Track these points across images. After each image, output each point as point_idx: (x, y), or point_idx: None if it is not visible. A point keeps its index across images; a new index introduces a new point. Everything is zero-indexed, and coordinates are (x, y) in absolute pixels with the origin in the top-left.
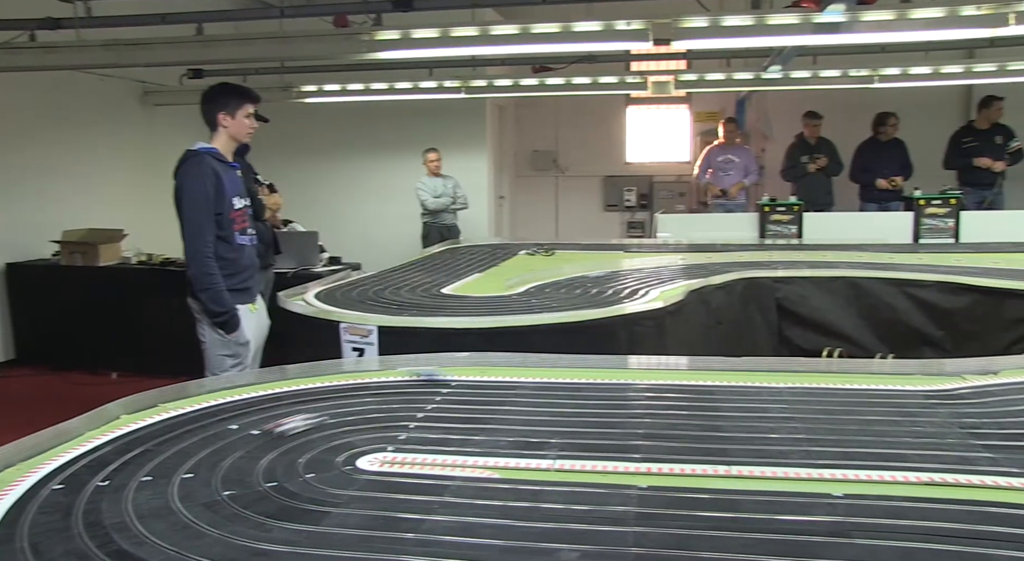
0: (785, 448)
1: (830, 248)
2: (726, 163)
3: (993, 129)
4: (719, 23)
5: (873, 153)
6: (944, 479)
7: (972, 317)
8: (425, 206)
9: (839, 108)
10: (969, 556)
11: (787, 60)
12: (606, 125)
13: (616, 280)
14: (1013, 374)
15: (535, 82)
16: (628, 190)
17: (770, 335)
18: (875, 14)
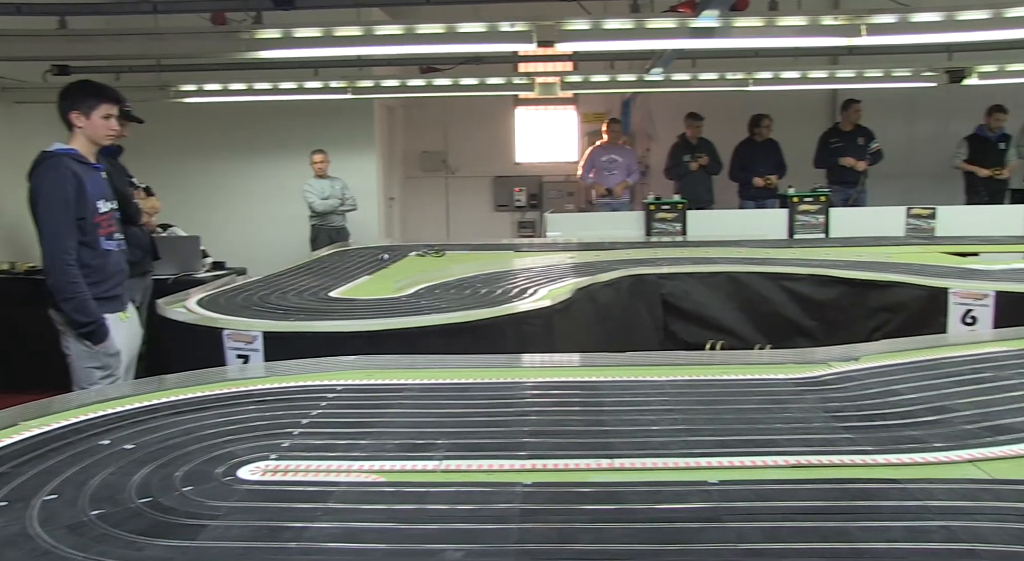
0: (665, 439)
1: (712, 244)
2: (610, 163)
3: (856, 131)
4: (600, 26)
5: (750, 153)
6: (809, 461)
7: (840, 307)
8: (313, 208)
9: (718, 110)
10: (827, 530)
11: (668, 63)
12: (495, 126)
13: (506, 279)
14: (872, 359)
15: (423, 83)
16: (518, 190)
17: (656, 330)
18: (746, 20)
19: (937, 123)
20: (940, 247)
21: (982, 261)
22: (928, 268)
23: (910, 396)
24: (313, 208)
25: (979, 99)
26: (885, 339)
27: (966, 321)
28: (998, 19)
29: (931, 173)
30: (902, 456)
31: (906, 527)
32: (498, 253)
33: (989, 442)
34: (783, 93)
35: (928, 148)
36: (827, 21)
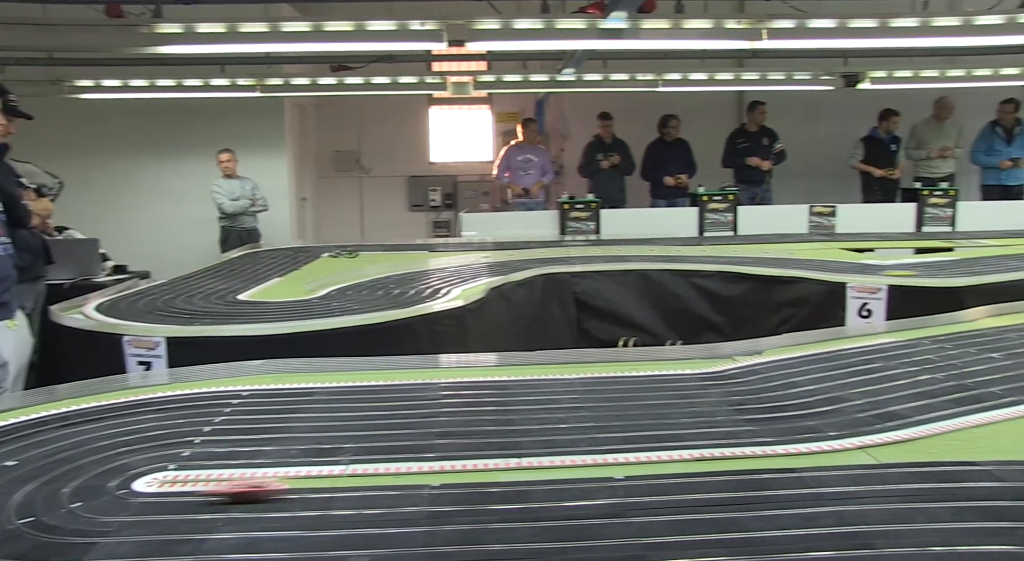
0: (573, 437)
1: (624, 243)
2: (525, 163)
3: (761, 131)
4: (511, 26)
5: (660, 153)
6: (712, 454)
7: (747, 303)
8: (222, 209)
9: (631, 110)
10: (727, 521)
11: (579, 63)
12: (409, 125)
13: (419, 280)
14: (774, 353)
15: (334, 81)
16: (433, 190)
17: (570, 328)
18: (653, 22)
19: (836, 125)
20: (840, 243)
21: (877, 257)
22: (828, 264)
23: (808, 388)
24: (222, 209)
25: (873, 102)
26: (789, 333)
27: (862, 314)
28: (885, 28)
29: (831, 173)
30: (799, 446)
31: (800, 514)
32: (413, 253)
33: (878, 429)
34: (692, 94)
35: (828, 149)
36: (730, 24)
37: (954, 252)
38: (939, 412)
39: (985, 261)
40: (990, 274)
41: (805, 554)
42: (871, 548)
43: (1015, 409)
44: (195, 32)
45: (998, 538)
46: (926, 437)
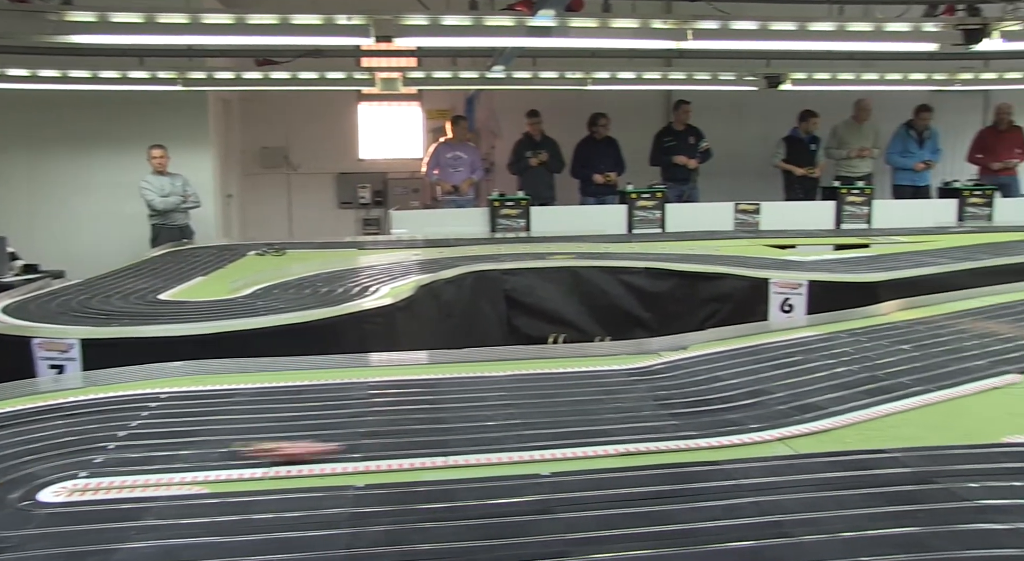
0: (501, 434)
1: (555, 240)
2: (454, 160)
3: (687, 130)
4: (439, 22)
5: (590, 150)
6: (637, 448)
7: (674, 298)
8: (152, 206)
9: (561, 108)
10: (653, 514)
11: (508, 61)
12: (338, 122)
13: (348, 278)
14: (699, 348)
15: (259, 76)
16: (362, 187)
17: (500, 325)
18: (581, 21)
19: (760, 125)
20: (763, 240)
21: (798, 253)
22: (752, 260)
23: (731, 381)
24: (152, 206)
25: (796, 103)
26: (714, 328)
27: (784, 309)
28: (803, 31)
29: (755, 171)
30: (722, 439)
31: (723, 506)
32: (342, 251)
33: (796, 420)
34: (621, 93)
35: (752, 148)
36: (656, 24)
37: (870, 248)
38: (853, 403)
39: (898, 257)
40: (902, 269)
41: (726, 544)
42: (788, 536)
43: (921, 398)
44: (109, 22)
45: (902, 521)
46: (841, 427)
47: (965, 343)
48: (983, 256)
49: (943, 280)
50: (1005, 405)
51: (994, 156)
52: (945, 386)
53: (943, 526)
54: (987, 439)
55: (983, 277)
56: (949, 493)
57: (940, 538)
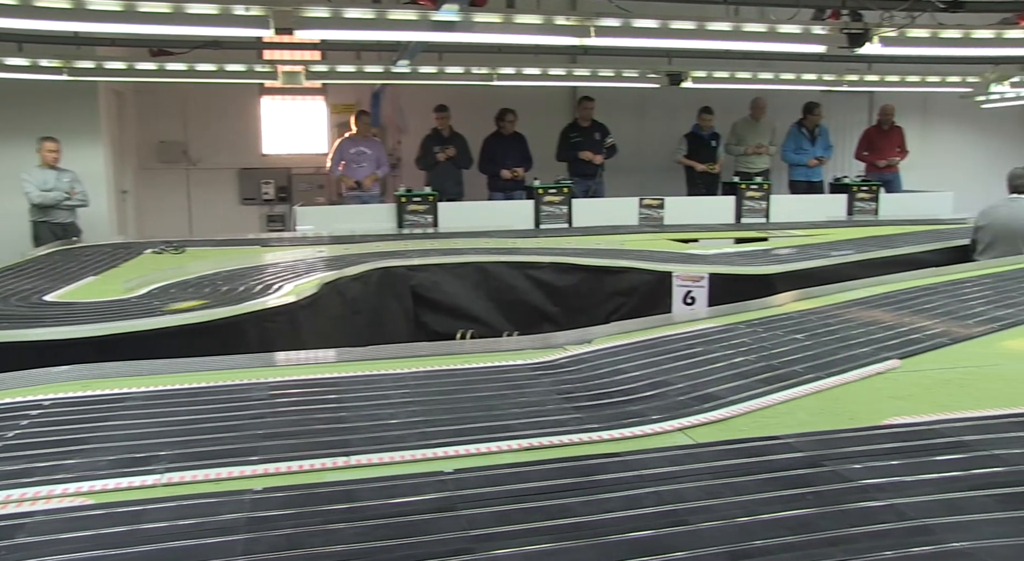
0: (403, 432)
1: (462, 235)
2: (359, 155)
3: (593, 126)
4: (341, 15)
5: (497, 146)
6: (540, 442)
7: (580, 293)
8: (30, 200)
9: (468, 103)
10: (554, 508)
11: (413, 55)
12: (240, 115)
13: (250, 276)
14: (603, 341)
15: (153, 67)
16: (266, 183)
17: (407, 322)
18: (485, 16)
19: (663, 121)
20: (667, 234)
21: (700, 246)
22: (656, 254)
23: (634, 374)
24: (30, 199)
25: (696, 100)
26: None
27: (687, 301)
28: (702, 30)
29: (659, 167)
30: (624, 430)
31: (623, 497)
32: (244, 248)
33: (696, 410)
34: (528, 88)
35: (656, 144)
36: (560, 21)
37: (768, 242)
38: (750, 392)
39: (794, 250)
40: (797, 262)
41: (627, 535)
42: (685, 524)
43: (813, 385)
44: None
45: (792, 504)
46: (738, 416)
47: (852, 331)
48: (869, 248)
49: (834, 272)
50: (887, 389)
51: (879, 154)
52: (834, 373)
53: (830, 507)
54: (870, 422)
55: (869, 268)
56: (836, 475)
57: (826, 518)
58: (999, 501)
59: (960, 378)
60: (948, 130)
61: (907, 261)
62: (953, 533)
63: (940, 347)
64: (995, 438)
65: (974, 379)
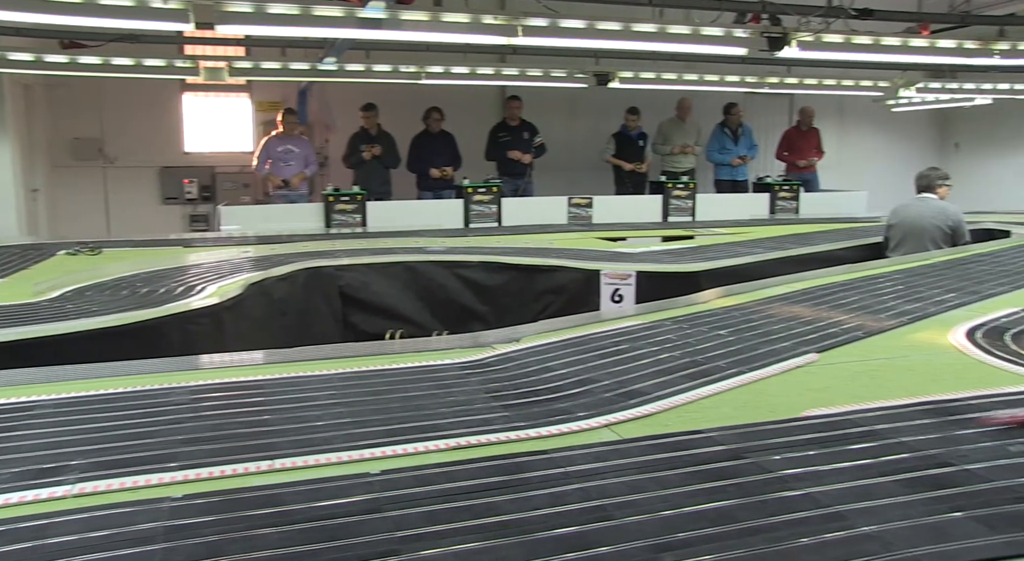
0: (330, 434)
1: (391, 235)
2: (286, 153)
3: (522, 125)
4: (264, 10)
5: (426, 145)
6: (468, 441)
7: (509, 291)
8: None
9: (397, 102)
10: (481, 506)
11: (340, 52)
12: (160, 112)
13: (171, 277)
14: (531, 340)
15: (64, 60)
16: (188, 182)
17: (335, 322)
18: (412, 14)
19: (592, 121)
20: (596, 233)
21: (628, 245)
22: (585, 252)
23: (561, 371)
24: None
25: (624, 100)
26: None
27: (615, 299)
28: (628, 31)
29: (588, 166)
30: (551, 428)
31: (549, 494)
32: (166, 249)
33: (621, 406)
34: (457, 87)
35: (585, 143)
36: (488, 20)
37: (694, 240)
38: (675, 387)
39: (719, 248)
40: (722, 259)
41: (552, 532)
42: (610, 519)
43: (735, 380)
44: None
45: (715, 496)
46: (663, 411)
47: (773, 327)
48: (790, 246)
49: (756, 269)
50: (805, 382)
51: (798, 154)
52: (756, 367)
53: (750, 498)
54: (789, 414)
55: (790, 265)
56: (756, 466)
57: (747, 509)
58: (904, 485)
59: (872, 370)
60: (863, 132)
61: (825, 258)
62: (863, 518)
63: (855, 341)
64: (902, 426)
65: (885, 370)
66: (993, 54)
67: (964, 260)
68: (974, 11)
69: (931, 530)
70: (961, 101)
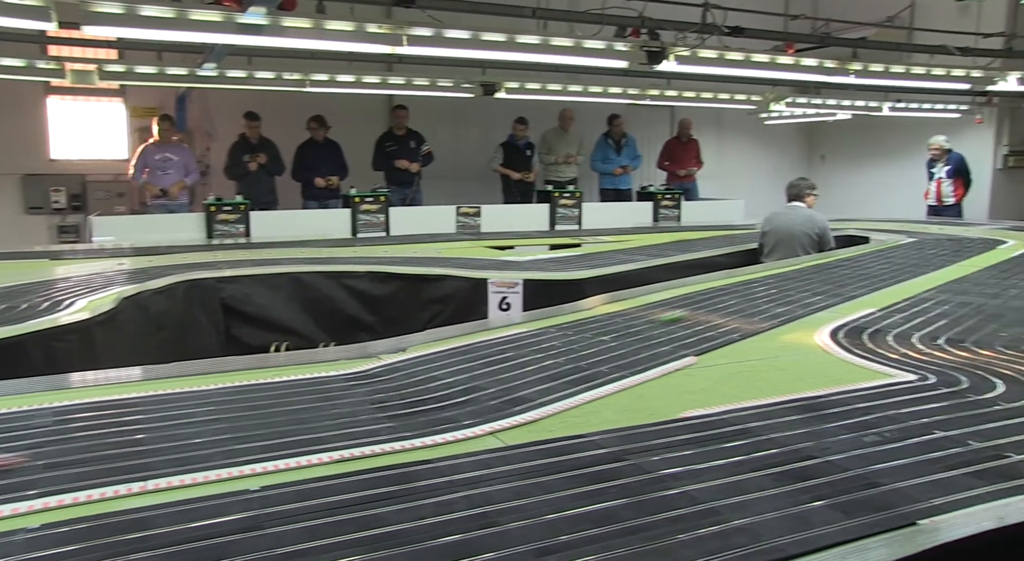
0: (208, 451)
1: (276, 245)
2: (164, 162)
3: (408, 134)
4: (136, 12)
5: (311, 153)
6: (352, 454)
7: (397, 301)
8: None
9: (282, 109)
10: (366, 519)
11: (220, 58)
12: (22, 116)
13: (35, 292)
14: (418, 349)
15: None
16: (56, 190)
17: (218, 336)
18: (295, 21)
19: (480, 130)
20: (484, 242)
21: (516, 253)
22: (473, 261)
23: (448, 380)
24: None
25: (511, 110)
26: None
27: (502, 307)
28: (512, 42)
29: (476, 175)
30: (436, 437)
31: (434, 503)
32: (29, 262)
33: (506, 413)
34: (343, 96)
35: (473, 152)
36: (372, 29)
37: (581, 247)
38: (559, 393)
39: (604, 255)
40: (606, 266)
41: (436, 541)
42: (495, 525)
43: (617, 384)
44: None
45: (598, 498)
46: (547, 417)
47: (655, 332)
48: (672, 253)
49: (640, 275)
50: (684, 384)
51: (679, 164)
52: (637, 371)
53: (631, 498)
54: (668, 416)
55: (671, 271)
56: (637, 467)
57: (627, 509)
58: (773, 479)
59: (747, 371)
60: (739, 143)
61: (705, 264)
62: (736, 512)
63: (731, 343)
64: (772, 423)
65: (758, 371)
66: (849, 73)
67: (829, 265)
68: (833, 33)
69: (795, 519)
70: (825, 116)
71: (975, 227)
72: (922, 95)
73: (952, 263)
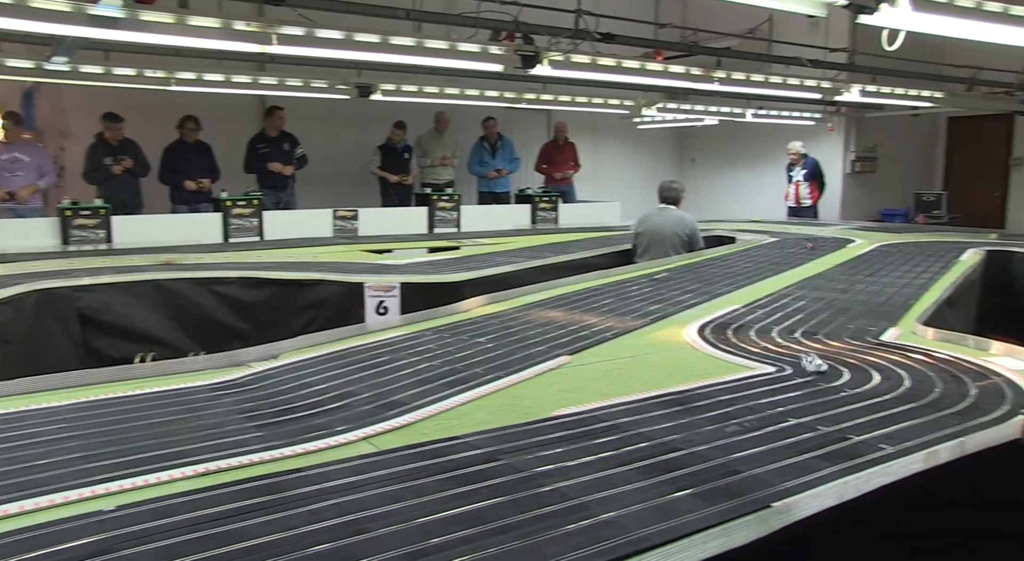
0: (57, 472)
1: (141, 252)
2: (12, 162)
3: (282, 136)
4: None
5: (180, 155)
6: (218, 466)
7: (271, 307)
8: None
9: (146, 108)
10: (231, 533)
11: (71, 51)
12: None
13: None
14: (291, 356)
15: None
16: None
17: (74, 348)
18: (154, 15)
19: (356, 132)
20: (362, 245)
21: (394, 257)
22: (349, 265)
23: (320, 387)
24: None
25: (389, 113)
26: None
27: (380, 311)
28: (386, 44)
29: (353, 178)
30: (307, 445)
31: (305, 512)
32: None
33: (380, 418)
34: (213, 96)
35: (349, 155)
36: (240, 26)
37: (460, 250)
38: (434, 396)
39: (482, 257)
40: (484, 269)
41: (307, 550)
42: (366, 532)
43: (493, 385)
44: None
45: (470, 499)
46: (422, 420)
47: (530, 332)
48: (549, 254)
49: (517, 277)
50: (557, 383)
51: (555, 167)
52: (512, 372)
53: (503, 497)
54: (542, 415)
55: (548, 273)
56: (509, 467)
57: (499, 509)
58: (640, 472)
59: (619, 368)
60: (614, 147)
61: (581, 265)
62: (604, 506)
63: (604, 342)
64: (642, 418)
65: (629, 368)
66: (713, 81)
67: (699, 264)
68: (700, 42)
69: (660, 510)
70: (694, 121)
71: (829, 227)
72: (780, 103)
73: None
